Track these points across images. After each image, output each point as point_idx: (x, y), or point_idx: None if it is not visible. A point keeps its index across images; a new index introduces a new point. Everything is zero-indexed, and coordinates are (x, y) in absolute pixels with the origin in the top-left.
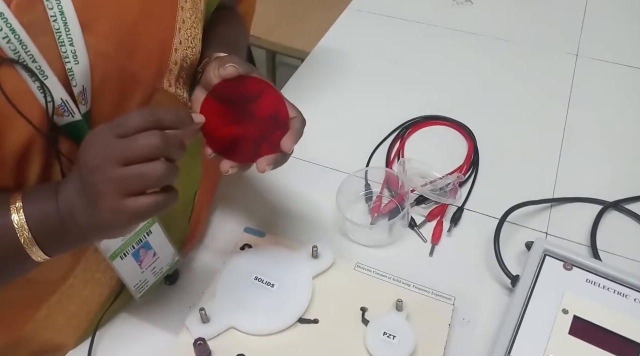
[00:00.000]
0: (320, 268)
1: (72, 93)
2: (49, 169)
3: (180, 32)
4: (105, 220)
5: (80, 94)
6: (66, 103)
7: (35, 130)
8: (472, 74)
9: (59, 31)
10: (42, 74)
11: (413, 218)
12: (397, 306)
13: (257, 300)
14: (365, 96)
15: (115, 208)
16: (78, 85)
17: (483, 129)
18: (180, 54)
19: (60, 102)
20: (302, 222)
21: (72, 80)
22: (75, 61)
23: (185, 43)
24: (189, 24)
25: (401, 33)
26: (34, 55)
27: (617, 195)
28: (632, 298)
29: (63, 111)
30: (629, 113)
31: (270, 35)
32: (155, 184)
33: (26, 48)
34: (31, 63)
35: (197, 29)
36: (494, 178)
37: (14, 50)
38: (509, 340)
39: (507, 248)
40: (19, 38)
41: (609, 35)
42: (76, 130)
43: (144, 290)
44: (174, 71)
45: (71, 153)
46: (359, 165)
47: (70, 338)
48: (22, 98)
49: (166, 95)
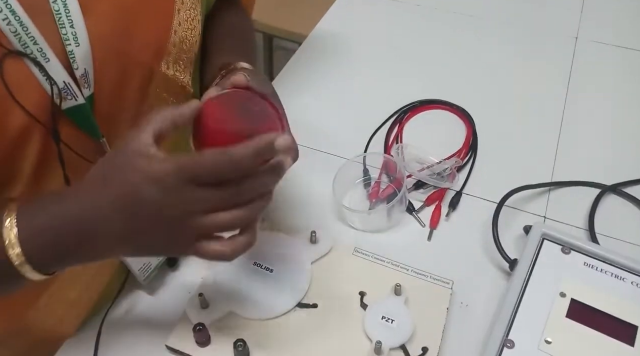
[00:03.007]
0: (319, 253)
1: (74, 77)
2: (47, 155)
3: (179, 14)
4: (170, 252)
5: (83, 77)
6: (69, 86)
7: (33, 119)
8: (471, 58)
9: (59, 13)
10: (43, 56)
11: (411, 203)
12: (395, 290)
13: (256, 285)
14: (363, 80)
15: (189, 252)
16: (80, 68)
17: (482, 113)
18: (179, 36)
19: (62, 85)
20: (301, 207)
21: (74, 63)
22: (75, 43)
23: (185, 24)
24: (188, 5)
25: (399, 16)
26: (34, 37)
27: (615, 178)
28: (630, 281)
29: (66, 94)
30: (628, 96)
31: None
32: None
33: (27, 30)
34: (32, 45)
35: (196, 11)
36: (492, 162)
37: (14, 32)
38: (507, 323)
39: (506, 232)
40: (19, 19)
41: (608, 17)
42: (79, 114)
43: (148, 272)
44: (172, 53)
45: (72, 138)
46: (357, 150)
47: (70, 327)
48: (24, 83)
49: (164, 78)
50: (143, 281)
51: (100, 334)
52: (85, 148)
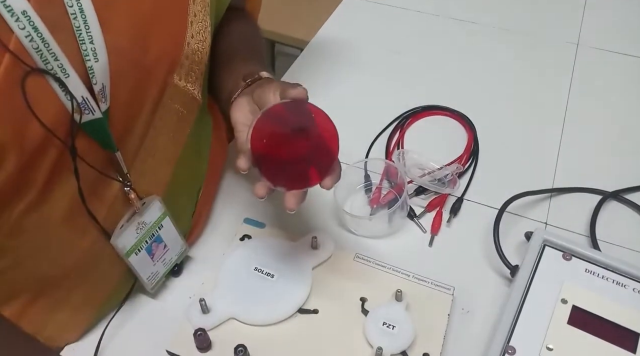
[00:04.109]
0: (320, 258)
1: (92, 91)
2: (60, 168)
3: (192, 26)
4: None
5: (100, 92)
6: (87, 101)
7: (51, 133)
8: (472, 64)
9: (79, 29)
10: (63, 71)
11: (412, 209)
12: (396, 296)
13: (257, 291)
14: (365, 86)
15: None
16: (98, 83)
17: (483, 119)
18: (192, 48)
19: (81, 100)
20: (302, 212)
21: (93, 78)
22: (95, 59)
23: (197, 37)
24: (200, 17)
25: (401, 22)
26: (55, 53)
27: (616, 185)
28: (631, 288)
29: (84, 109)
30: (629, 103)
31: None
32: None
33: (48, 46)
34: (53, 61)
35: (206, 22)
36: (493, 168)
37: (36, 48)
38: (508, 329)
39: (507, 239)
40: (41, 36)
41: (609, 24)
42: (96, 128)
43: (155, 281)
44: (185, 65)
45: (87, 152)
46: (358, 155)
47: (73, 334)
48: (43, 98)
49: (176, 90)
50: (151, 289)
51: (102, 339)
52: (100, 161)
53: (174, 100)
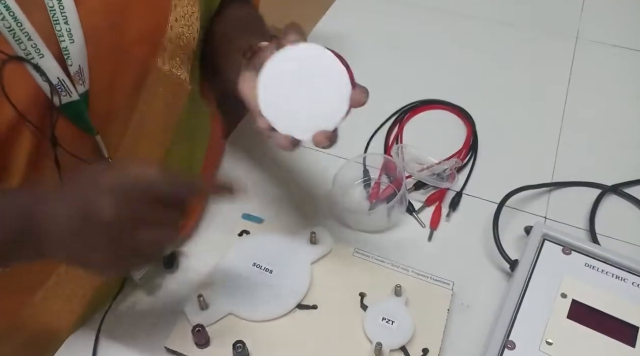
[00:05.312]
0: (319, 254)
1: (68, 73)
2: (40, 152)
3: (176, 9)
4: (86, 263)
5: (77, 74)
6: (63, 83)
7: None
8: (471, 58)
9: (53, 9)
10: (37, 52)
11: (411, 204)
12: (395, 291)
13: (255, 286)
14: (363, 80)
15: (106, 265)
16: (74, 64)
17: (482, 113)
18: (176, 32)
19: (56, 81)
20: (301, 207)
21: (68, 59)
22: (70, 40)
23: (182, 21)
24: (185, 2)
25: (399, 16)
26: (29, 32)
27: (616, 179)
28: (631, 282)
29: (60, 91)
30: (628, 96)
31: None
32: None
33: (21, 25)
34: (26, 41)
35: (194, 7)
36: (493, 162)
37: (8, 27)
38: (508, 324)
39: (506, 233)
40: (14, 15)
41: (609, 17)
42: (74, 110)
43: (142, 271)
44: (168, 49)
45: (66, 135)
46: (357, 150)
47: (65, 323)
48: (16, 79)
49: (160, 74)
50: (138, 280)
51: (99, 335)
52: (80, 145)
53: (158, 84)
